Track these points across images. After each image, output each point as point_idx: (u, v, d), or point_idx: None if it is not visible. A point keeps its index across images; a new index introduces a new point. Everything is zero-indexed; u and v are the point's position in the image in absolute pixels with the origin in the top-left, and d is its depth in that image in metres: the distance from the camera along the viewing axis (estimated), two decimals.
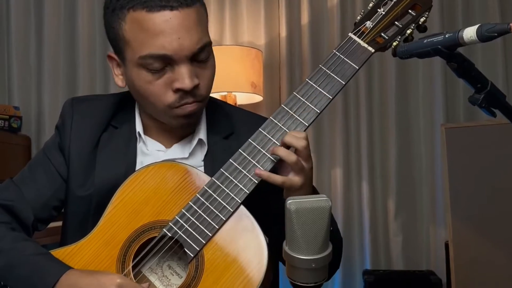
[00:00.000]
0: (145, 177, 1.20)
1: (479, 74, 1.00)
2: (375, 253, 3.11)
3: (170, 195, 1.19)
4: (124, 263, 1.15)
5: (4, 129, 2.81)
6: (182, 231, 1.14)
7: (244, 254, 1.12)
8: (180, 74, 1.19)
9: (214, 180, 1.17)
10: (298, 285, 0.93)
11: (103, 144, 1.32)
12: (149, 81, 1.21)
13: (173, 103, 1.22)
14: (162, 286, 1.20)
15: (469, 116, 3.03)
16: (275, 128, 1.19)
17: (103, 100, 1.39)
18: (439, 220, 3.03)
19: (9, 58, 3.30)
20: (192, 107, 1.23)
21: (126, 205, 1.19)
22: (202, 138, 1.32)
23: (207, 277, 1.12)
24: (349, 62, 1.21)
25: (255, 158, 1.18)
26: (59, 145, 1.34)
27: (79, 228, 1.26)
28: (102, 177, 1.28)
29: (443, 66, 3.00)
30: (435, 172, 3.06)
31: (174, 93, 1.21)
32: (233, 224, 1.15)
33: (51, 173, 1.33)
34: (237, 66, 2.84)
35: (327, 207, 0.90)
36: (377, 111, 3.15)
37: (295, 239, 0.90)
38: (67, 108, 1.36)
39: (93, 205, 1.27)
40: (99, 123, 1.33)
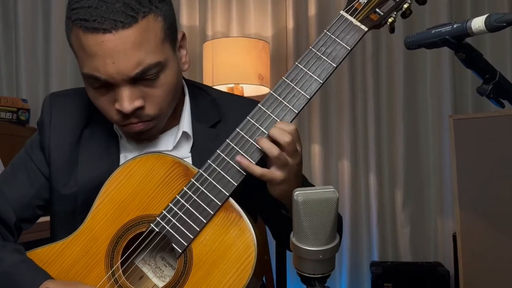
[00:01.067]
0: (132, 170, 1.17)
1: (488, 65, 0.99)
2: (382, 245, 3.10)
3: (157, 188, 1.15)
4: (113, 258, 1.14)
5: (12, 122, 2.82)
6: (169, 226, 1.12)
7: (233, 248, 1.10)
8: (119, 96, 1.13)
9: (201, 173, 1.13)
10: (306, 276, 0.93)
11: (85, 140, 1.27)
12: (95, 96, 1.17)
13: (118, 121, 1.17)
14: (155, 277, 1.19)
15: (477, 107, 3.02)
16: (263, 116, 1.13)
17: (83, 94, 1.29)
18: (447, 211, 3.03)
19: (17, 51, 3.31)
20: (139, 127, 1.17)
21: (113, 200, 1.16)
22: (186, 130, 1.27)
23: (196, 273, 1.10)
24: (341, 43, 1.14)
25: (243, 148, 1.12)
26: (40, 143, 1.30)
27: (67, 227, 1.22)
28: (86, 174, 1.24)
29: (451, 56, 2.98)
30: (443, 163, 3.05)
31: (117, 113, 1.15)
32: (222, 218, 1.11)
33: (33, 172, 1.29)
34: (244, 58, 2.84)
35: (334, 199, 0.89)
36: (384, 102, 3.14)
37: (302, 230, 0.90)
38: (45, 104, 1.31)
39: (79, 203, 1.24)
40: (79, 119, 1.29)
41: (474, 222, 2.39)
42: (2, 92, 3.27)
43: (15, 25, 3.32)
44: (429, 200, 3.09)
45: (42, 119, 1.30)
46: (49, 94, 1.34)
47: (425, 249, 3.08)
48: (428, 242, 3.09)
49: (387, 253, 3.11)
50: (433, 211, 3.08)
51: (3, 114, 2.79)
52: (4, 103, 2.81)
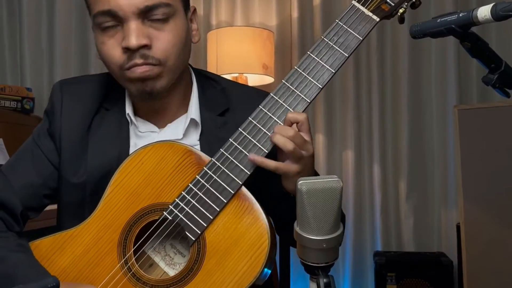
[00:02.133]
0: (144, 158, 1.17)
1: (493, 54, 0.99)
2: (386, 235, 3.11)
3: (169, 176, 1.16)
4: (125, 247, 1.14)
5: (16, 110, 2.83)
6: (182, 214, 1.12)
7: (246, 236, 1.10)
8: (127, 31, 1.15)
9: (214, 161, 1.14)
10: (309, 265, 0.93)
11: (95, 127, 1.27)
12: (103, 41, 1.20)
13: (123, 64, 1.18)
14: (166, 266, 1.20)
15: (482, 97, 3.00)
16: (275, 105, 1.15)
17: (94, 81, 1.33)
18: (451, 202, 3.02)
19: (21, 40, 3.32)
20: (142, 69, 1.17)
21: (124, 188, 1.16)
22: (194, 117, 1.27)
23: (209, 260, 1.11)
24: (352, 32, 1.15)
25: (255, 137, 1.14)
26: (48, 131, 1.30)
27: (75, 216, 1.23)
28: (95, 163, 1.24)
29: (456, 46, 2.97)
30: (447, 153, 3.05)
31: (123, 53, 1.17)
32: (235, 206, 1.12)
33: (40, 160, 1.28)
34: (249, 47, 2.83)
35: (338, 188, 0.89)
36: (389, 92, 3.13)
37: (306, 219, 0.90)
38: (56, 92, 1.31)
39: (88, 192, 1.24)
40: (90, 106, 1.29)
41: (478, 213, 2.38)
42: (7, 81, 3.28)
43: (19, 14, 3.31)
44: (433, 191, 3.09)
45: (53, 106, 1.30)
46: (59, 82, 1.34)
47: (428, 239, 3.09)
48: (432, 233, 3.09)
49: (390, 243, 3.11)
50: (437, 201, 3.08)
51: (8, 103, 2.79)
52: (9, 92, 2.81)
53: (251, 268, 1.09)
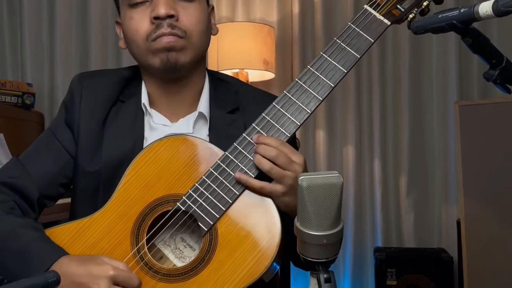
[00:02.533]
0: (158, 151, 1.21)
1: (494, 50, 0.99)
2: (386, 231, 3.11)
3: (183, 169, 1.19)
4: (138, 236, 1.16)
5: (17, 106, 2.83)
6: (196, 205, 1.15)
7: (258, 228, 1.13)
8: (156, 2, 1.24)
9: (227, 154, 1.18)
10: (310, 260, 0.93)
11: (111, 118, 1.32)
12: (131, 16, 1.26)
13: (150, 34, 1.24)
14: (175, 258, 1.22)
15: (483, 94, 3.00)
16: (289, 102, 1.19)
17: (111, 75, 1.39)
18: (451, 198, 3.02)
19: (21, 35, 3.31)
20: (168, 39, 1.24)
21: (139, 179, 1.19)
22: (202, 111, 1.32)
23: (221, 251, 1.13)
24: (364, 35, 1.20)
25: (269, 133, 1.18)
26: (66, 121, 1.34)
27: (88, 205, 1.26)
28: (110, 152, 1.28)
29: (458, 42, 2.96)
30: (448, 149, 3.04)
31: (151, 23, 1.24)
32: (247, 199, 1.15)
33: (57, 150, 1.32)
34: (249, 43, 2.83)
35: (339, 184, 0.89)
36: (390, 88, 3.13)
37: (307, 215, 0.90)
38: (75, 83, 1.36)
39: (102, 180, 1.27)
40: (107, 98, 1.33)
41: (479, 209, 2.38)
42: (7, 76, 3.27)
43: (20, 9, 3.31)
44: (433, 187, 3.09)
45: (72, 97, 1.35)
46: (79, 74, 1.39)
47: (429, 235, 3.09)
48: (432, 229, 3.09)
49: (391, 239, 3.11)
50: (437, 197, 3.08)
51: (8, 98, 2.79)
52: (9, 87, 2.81)
53: (261, 260, 1.11)
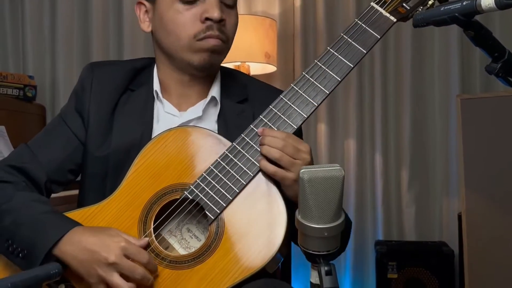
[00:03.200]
0: (167, 141, 1.23)
1: (497, 43, 0.98)
2: (387, 224, 3.11)
3: (191, 159, 1.21)
4: (145, 224, 1.18)
5: (19, 98, 2.83)
6: (203, 194, 1.18)
7: (264, 218, 1.15)
8: (210, 4, 1.27)
9: (235, 145, 1.20)
10: (310, 253, 0.94)
11: (121, 106, 1.34)
12: (180, 11, 1.28)
13: (198, 33, 1.27)
14: (181, 248, 1.23)
15: (485, 87, 2.99)
16: (296, 95, 1.21)
17: (122, 65, 1.42)
18: (452, 191, 3.02)
19: (23, 28, 3.31)
20: (215, 42, 1.28)
21: (147, 168, 1.22)
22: (215, 95, 1.35)
23: (227, 240, 1.15)
24: (370, 31, 1.23)
25: (275, 124, 1.20)
26: (76, 108, 1.36)
27: (97, 190, 1.30)
28: (119, 139, 1.31)
29: (460, 35, 2.96)
30: (449, 143, 3.04)
31: (202, 23, 1.27)
32: (253, 189, 1.18)
33: (66, 136, 1.35)
34: (251, 36, 2.82)
35: (340, 177, 0.89)
36: (392, 81, 3.12)
37: (308, 208, 0.90)
38: (86, 72, 1.39)
39: (111, 165, 1.30)
40: (117, 87, 1.36)
41: (480, 202, 2.39)
42: (9, 69, 3.27)
43: (21, 2, 3.31)
44: (434, 180, 3.09)
45: (83, 85, 1.37)
46: (90, 63, 1.43)
47: (430, 228, 3.09)
48: (433, 222, 3.09)
49: (392, 232, 3.11)
50: (438, 191, 3.08)
51: (10, 90, 2.79)
52: (11, 80, 2.81)
53: (266, 250, 1.13)
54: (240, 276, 1.12)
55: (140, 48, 3.15)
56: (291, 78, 3.13)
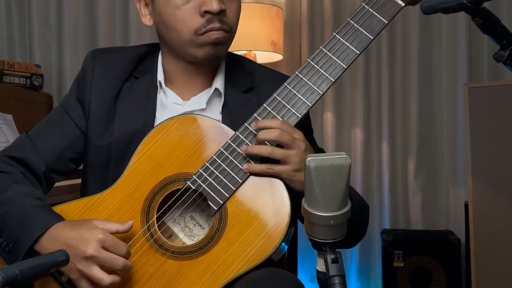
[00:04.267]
0: (169, 130, 1.21)
1: (505, 30, 0.98)
2: (394, 213, 3.11)
3: (194, 148, 1.19)
4: (148, 214, 1.17)
5: (26, 87, 2.84)
6: (206, 184, 1.16)
7: (267, 208, 1.14)
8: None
9: (238, 134, 1.18)
10: (317, 241, 0.93)
11: (124, 94, 1.33)
12: (178, 6, 1.24)
13: (199, 28, 1.24)
14: (185, 237, 1.23)
15: (493, 75, 2.97)
16: (300, 83, 1.19)
17: (125, 51, 1.40)
18: (459, 180, 3.01)
19: (29, 17, 3.31)
20: (218, 34, 1.24)
21: (149, 158, 1.20)
22: (218, 87, 1.32)
23: (230, 231, 1.14)
24: (378, 16, 1.19)
25: (279, 113, 1.18)
26: (77, 97, 1.35)
27: (100, 179, 1.28)
28: (121, 128, 1.29)
29: (468, 22, 2.93)
30: (457, 132, 3.03)
31: (201, 17, 1.23)
32: (256, 179, 1.16)
33: (67, 125, 1.33)
34: (257, 24, 2.81)
35: (346, 165, 0.89)
36: (399, 69, 3.10)
37: (314, 196, 0.90)
38: (88, 59, 1.37)
39: (113, 154, 1.28)
40: (120, 74, 1.34)
41: (487, 191, 2.38)
42: (16, 58, 3.28)
43: None
44: (441, 169, 3.08)
45: (84, 73, 1.36)
46: (92, 50, 1.40)
47: (436, 217, 3.08)
48: (440, 211, 3.08)
49: (398, 221, 3.11)
50: (445, 179, 3.07)
51: (17, 79, 2.80)
52: (18, 69, 2.82)
53: (270, 240, 1.12)
54: (243, 268, 1.11)
55: (147, 36, 3.14)
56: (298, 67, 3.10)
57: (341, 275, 0.91)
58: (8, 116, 2.52)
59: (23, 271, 0.81)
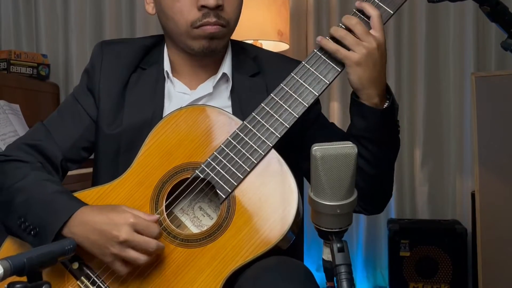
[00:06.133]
0: (178, 120, 1.23)
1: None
2: (400, 202, 3.11)
3: (202, 138, 1.21)
4: (157, 203, 1.19)
5: (32, 77, 2.84)
6: (214, 173, 1.17)
7: (275, 196, 1.15)
8: None
9: (245, 124, 1.19)
10: (323, 230, 0.94)
11: (132, 84, 1.34)
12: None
13: (195, 21, 1.25)
14: (193, 226, 1.24)
15: (500, 65, 2.95)
16: (307, 73, 1.20)
17: (133, 43, 1.42)
18: (466, 169, 3.01)
19: (36, 6, 3.31)
20: (213, 29, 1.25)
21: (159, 147, 1.22)
22: (226, 72, 1.34)
23: (238, 218, 1.15)
24: (383, 6, 1.20)
25: (286, 103, 1.19)
26: (87, 87, 1.37)
27: (111, 167, 1.31)
28: (130, 118, 1.31)
29: (475, 11, 2.91)
30: (464, 121, 3.02)
31: (198, 10, 1.24)
32: (264, 167, 1.17)
33: (79, 114, 1.36)
34: (264, 14, 2.80)
35: (353, 154, 0.89)
36: (405, 58, 3.09)
37: (320, 185, 0.90)
38: (96, 50, 1.39)
39: (123, 143, 1.30)
40: (128, 64, 1.36)
41: (493, 181, 2.37)
42: (22, 47, 3.28)
43: None
44: (448, 158, 3.07)
45: (93, 64, 1.38)
46: (100, 42, 1.42)
47: (443, 207, 3.08)
48: (446, 200, 3.08)
49: (404, 210, 3.11)
50: (452, 169, 3.06)
51: (24, 69, 2.80)
52: (24, 59, 2.83)
53: (278, 227, 1.13)
54: (251, 255, 1.12)
55: (153, 26, 3.13)
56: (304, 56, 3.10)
57: (347, 264, 0.91)
58: (15, 106, 2.53)
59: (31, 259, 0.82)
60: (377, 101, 1.20)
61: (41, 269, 0.85)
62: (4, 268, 0.78)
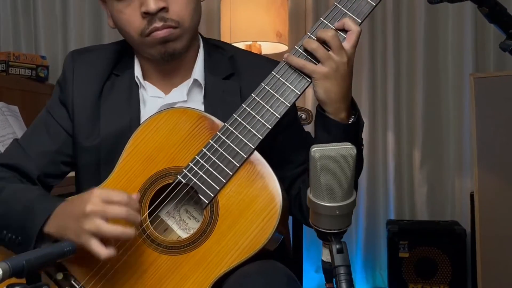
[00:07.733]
0: (158, 124, 1.20)
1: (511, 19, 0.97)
2: (399, 203, 3.11)
3: (183, 141, 1.18)
4: (140, 210, 1.15)
5: (31, 78, 2.84)
6: (196, 178, 1.14)
7: (259, 199, 1.12)
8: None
9: (227, 126, 1.16)
10: (322, 231, 0.94)
11: (106, 92, 1.31)
12: (120, 10, 1.23)
13: (143, 30, 1.22)
14: (179, 229, 1.22)
15: (499, 66, 2.96)
16: (289, 71, 1.16)
17: (104, 49, 1.38)
18: (465, 170, 3.01)
19: (35, 8, 3.31)
20: (164, 33, 1.21)
21: (139, 152, 1.19)
22: (197, 78, 1.30)
23: (222, 223, 1.13)
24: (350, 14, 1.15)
25: (268, 103, 1.15)
26: (60, 100, 1.34)
27: (92, 179, 1.27)
28: (108, 127, 1.28)
29: (474, 12, 2.92)
30: (463, 122, 3.02)
31: (143, 18, 1.21)
32: (247, 170, 1.14)
33: (54, 129, 1.32)
34: (262, 15, 2.80)
35: (352, 155, 0.89)
36: (404, 59, 3.09)
37: (319, 186, 0.90)
38: (67, 62, 1.35)
39: (102, 154, 1.27)
40: (101, 73, 1.32)
41: (492, 182, 2.38)
42: (21, 49, 3.28)
43: None
44: (447, 159, 3.08)
45: (65, 76, 1.34)
46: (71, 52, 1.39)
47: (442, 208, 3.08)
48: (445, 201, 3.08)
49: (403, 211, 3.11)
50: (451, 170, 3.07)
51: (22, 71, 2.80)
52: (23, 60, 2.82)
53: (263, 230, 1.11)
54: (237, 260, 1.10)
55: None
56: None
57: (347, 265, 0.91)
58: (14, 107, 2.53)
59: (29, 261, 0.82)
60: (343, 116, 1.16)
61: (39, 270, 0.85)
62: (3, 269, 0.78)
